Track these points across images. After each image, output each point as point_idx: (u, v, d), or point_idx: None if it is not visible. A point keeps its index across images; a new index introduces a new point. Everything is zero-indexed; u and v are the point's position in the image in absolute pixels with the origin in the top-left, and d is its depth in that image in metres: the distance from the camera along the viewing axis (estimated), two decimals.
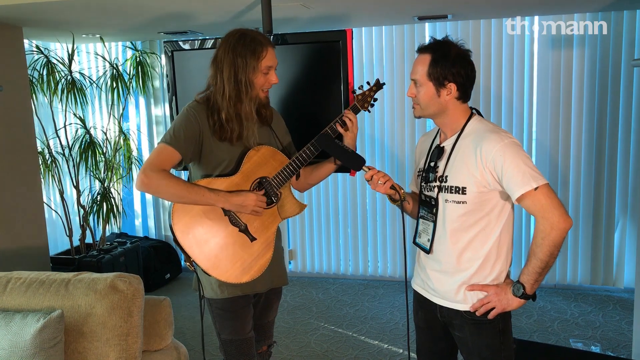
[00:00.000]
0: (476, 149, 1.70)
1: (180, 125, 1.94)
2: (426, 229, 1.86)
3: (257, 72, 1.93)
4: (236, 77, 1.91)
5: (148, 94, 4.86)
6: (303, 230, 4.79)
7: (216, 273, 1.94)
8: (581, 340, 3.44)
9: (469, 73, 1.74)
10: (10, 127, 3.44)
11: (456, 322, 1.82)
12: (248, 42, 1.92)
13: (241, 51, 1.91)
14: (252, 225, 2.00)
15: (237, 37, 1.94)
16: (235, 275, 1.96)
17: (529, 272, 1.68)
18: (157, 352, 2.25)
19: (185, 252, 1.93)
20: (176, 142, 1.91)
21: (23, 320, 1.93)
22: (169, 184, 1.87)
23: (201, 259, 1.94)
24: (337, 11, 3.44)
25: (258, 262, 2.01)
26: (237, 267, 1.97)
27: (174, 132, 1.93)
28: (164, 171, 1.89)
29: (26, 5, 2.86)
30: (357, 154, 1.95)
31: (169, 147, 1.91)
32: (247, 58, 1.91)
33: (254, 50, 1.91)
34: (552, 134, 4.16)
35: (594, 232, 4.18)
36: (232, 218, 1.97)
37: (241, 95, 1.93)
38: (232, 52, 1.92)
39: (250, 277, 1.99)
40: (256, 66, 1.92)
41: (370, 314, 3.99)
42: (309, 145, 2.03)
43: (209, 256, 1.94)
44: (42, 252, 3.72)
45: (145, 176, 1.86)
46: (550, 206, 1.61)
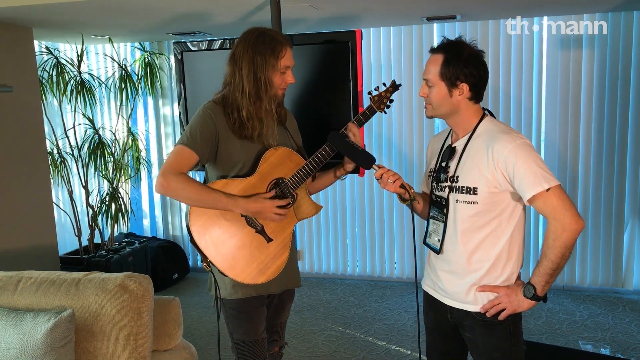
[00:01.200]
0: (488, 150, 1.69)
1: (196, 126, 1.93)
2: (436, 229, 1.86)
3: (276, 71, 1.93)
4: (255, 75, 1.91)
5: (156, 95, 4.88)
6: (311, 231, 4.79)
7: (233, 274, 1.94)
8: (591, 343, 3.42)
9: (482, 74, 1.73)
10: (20, 128, 3.46)
11: (466, 323, 1.81)
12: (268, 41, 1.91)
13: (261, 49, 1.90)
14: (268, 226, 1.99)
15: (257, 35, 1.93)
16: (252, 276, 1.96)
17: (540, 273, 1.67)
18: (167, 352, 2.26)
19: (202, 253, 1.93)
20: (193, 143, 1.91)
21: (34, 319, 1.94)
22: (187, 188, 1.87)
23: (218, 260, 1.94)
24: (346, 12, 3.44)
25: (275, 263, 2.00)
26: (254, 268, 1.96)
27: (190, 133, 1.92)
28: (183, 174, 1.89)
29: (36, 6, 2.88)
30: (367, 152, 1.94)
31: (186, 148, 1.90)
32: (267, 56, 1.90)
33: (274, 49, 1.91)
34: (561, 134, 4.14)
35: (603, 233, 4.16)
36: (248, 219, 1.97)
37: (260, 94, 1.92)
38: (252, 50, 1.91)
39: (267, 278, 1.98)
40: (275, 65, 1.91)
41: (377, 314, 3.99)
42: (325, 147, 2.02)
43: (226, 257, 1.94)
44: (51, 252, 3.74)
45: (164, 179, 1.87)
46: (562, 207, 1.60)
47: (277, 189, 2.00)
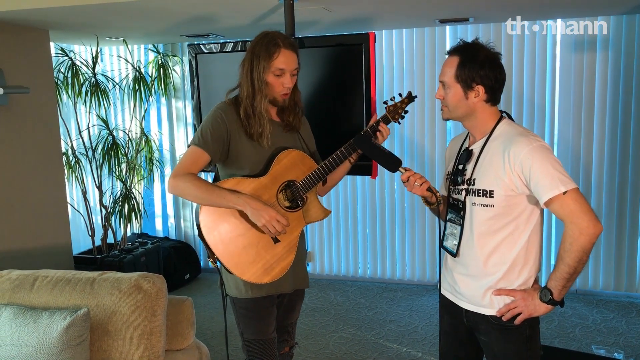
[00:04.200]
0: (504, 152, 1.69)
1: (207, 126, 1.98)
2: (453, 232, 1.85)
3: (268, 72, 1.95)
4: (252, 75, 1.96)
5: (170, 96, 4.91)
6: (322, 232, 4.80)
7: (238, 272, 1.96)
8: (604, 347, 3.39)
9: (498, 76, 1.73)
10: (36, 128, 3.51)
11: (482, 327, 1.81)
12: (266, 42, 1.95)
13: (258, 50, 1.96)
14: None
15: (260, 37, 1.99)
16: (257, 276, 1.97)
17: (557, 277, 1.66)
18: (179, 351, 2.28)
19: (210, 249, 1.95)
20: (204, 143, 1.95)
21: (50, 317, 1.96)
22: (193, 186, 1.90)
23: (225, 257, 1.96)
24: (359, 14, 3.44)
25: (280, 264, 2.02)
26: (259, 268, 1.98)
27: (201, 134, 1.97)
28: (191, 174, 1.92)
29: (53, 9, 2.91)
30: (394, 155, 1.95)
31: (198, 148, 1.95)
32: (261, 57, 1.94)
33: (268, 49, 1.94)
34: (574, 136, 4.11)
35: (617, 236, 4.12)
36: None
37: (255, 94, 1.96)
38: (252, 51, 1.97)
39: (271, 279, 2.00)
40: (266, 66, 1.94)
41: (389, 317, 3.98)
42: (337, 152, 2.03)
43: (233, 254, 1.96)
44: (65, 251, 3.78)
45: (173, 180, 1.92)
46: (579, 211, 1.59)
47: (288, 191, 2.03)
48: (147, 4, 2.91)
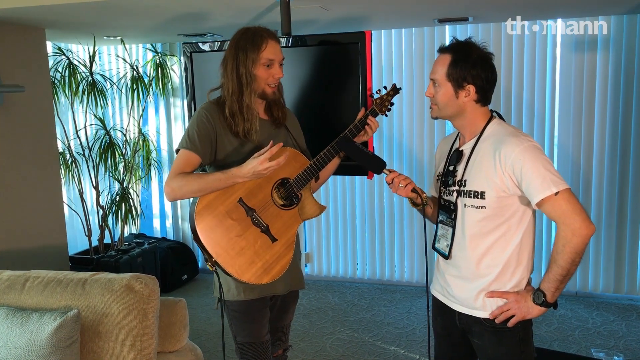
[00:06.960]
0: (495, 153, 1.67)
1: (193, 127, 1.97)
2: (445, 234, 1.83)
3: (258, 65, 1.94)
4: (237, 71, 1.94)
5: (167, 96, 4.90)
6: (319, 234, 4.77)
7: (237, 273, 1.94)
8: (603, 350, 3.36)
9: (489, 76, 1.71)
10: (32, 128, 3.49)
11: (475, 329, 1.79)
12: (249, 36, 1.95)
13: (242, 45, 1.94)
14: (273, 226, 2.00)
15: (241, 33, 1.98)
16: (257, 276, 1.96)
17: (550, 279, 1.64)
18: (172, 353, 2.25)
19: (207, 252, 1.93)
20: (192, 145, 1.94)
21: (40, 319, 1.94)
22: (187, 182, 1.89)
23: (223, 259, 1.94)
24: (357, 13, 3.42)
25: (279, 263, 2.00)
26: (259, 268, 1.96)
27: (188, 136, 1.96)
28: (180, 174, 1.91)
29: (48, 7, 2.89)
30: (377, 157, 1.94)
31: (187, 151, 1.94)
32: (247, 51, 1.93)
33: (254, 42, 1.93)
34: (574, 137, 4.08)
35: (617, 238, 4.09)
36: (254, 219, 1.97)
37: (242, 89, 1.95)
38: (235, 47, 1.96)
39: (271, 278, 1.98)
40: (256, 58, 1.93)
41: (386, 319, 3.95)
42: (329, 148, 2.05)
43: (231, 256, 1.94)
44: (61, 252, 3.76)
45: (167, 186, 1.92)
46: (571, 212, 1.57)
47: (282, 189, 2.02)
48: (143, 2, 2.89)
